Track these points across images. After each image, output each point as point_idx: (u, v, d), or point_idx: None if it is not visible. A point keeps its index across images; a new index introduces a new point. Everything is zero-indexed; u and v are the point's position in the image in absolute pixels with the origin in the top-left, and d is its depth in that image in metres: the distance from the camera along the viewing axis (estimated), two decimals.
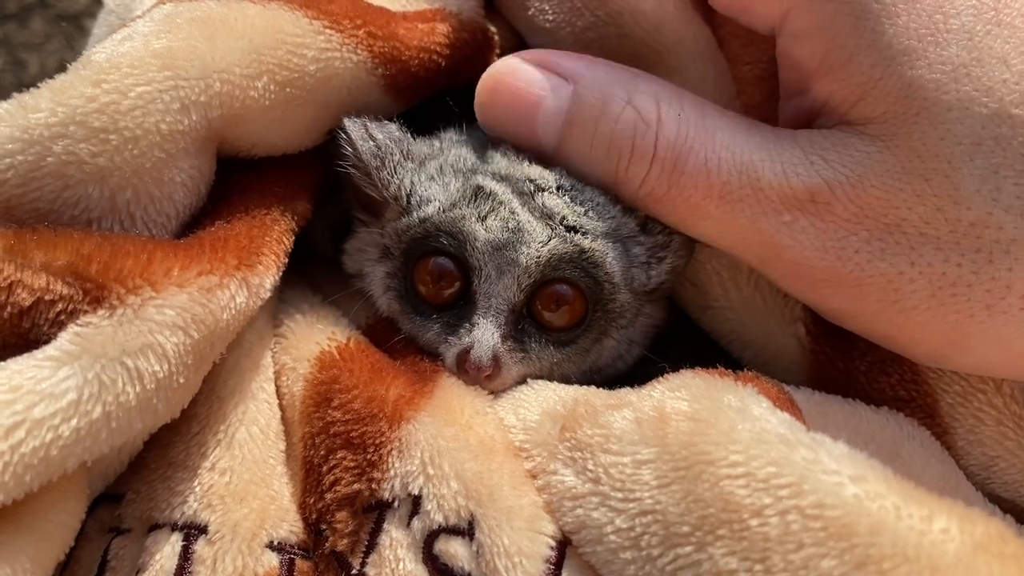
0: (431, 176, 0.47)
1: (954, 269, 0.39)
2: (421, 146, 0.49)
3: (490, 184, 0.45)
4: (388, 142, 0.47)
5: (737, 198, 0.41)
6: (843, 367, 0.45)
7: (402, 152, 0.48)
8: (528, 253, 0.44)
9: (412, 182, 0.47)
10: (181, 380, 0.38)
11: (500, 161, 0.47)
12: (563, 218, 0.45)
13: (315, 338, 0.46)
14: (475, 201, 0.45)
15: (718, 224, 0.42)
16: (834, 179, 0.40)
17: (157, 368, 0.37)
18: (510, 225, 0.44)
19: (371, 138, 0.47)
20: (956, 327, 0.40)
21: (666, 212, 0.44)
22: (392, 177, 0.47)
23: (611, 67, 0.44)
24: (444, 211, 0.45)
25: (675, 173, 0.42)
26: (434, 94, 0.53)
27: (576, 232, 0.45)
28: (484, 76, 0.45)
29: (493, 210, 0.45)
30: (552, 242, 0.44)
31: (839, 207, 0.40)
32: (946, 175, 0.38)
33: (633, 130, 0.42)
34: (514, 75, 0.45)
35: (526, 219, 0.45)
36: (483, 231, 0.44)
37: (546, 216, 0.45)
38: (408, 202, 0.47)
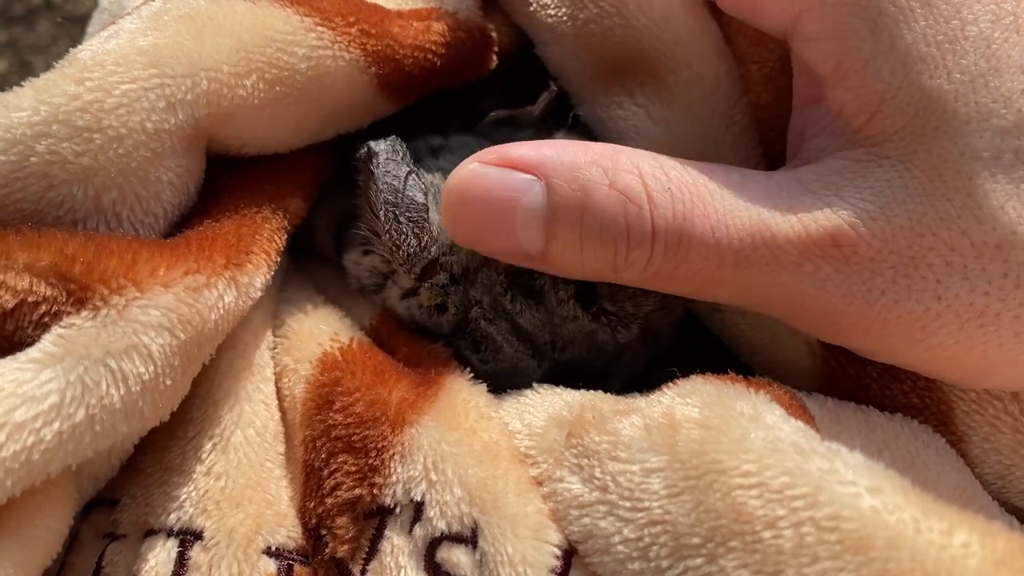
0: None
1: (981, 299, 0.37)
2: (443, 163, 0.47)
3: None
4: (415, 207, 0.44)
5: (753, 260, 0.38)
6: (854, 373, 0.44)
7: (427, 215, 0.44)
8: None
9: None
10: (168, 382, 0.37)
11: None
12: None
13: (317, 339, 0.45)
14: None
15: (735, 288, 0.39)
16: (855, 217, 0.37)
17: (142, 370, 0.36)
18: None
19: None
20: (984, 357, 0.38)
21: (677, 287, 0.40)
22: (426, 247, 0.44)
23: (581, 147, 0.39)
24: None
25: (680, 250, 0.38)
26: (431, 94, 0.52)
27: None
28: (444, 191, 0.40)
29: None
30: None
31: (863, 246, 0.37)
32: (968, 193, 0.37)
33: (624, 215, 0.38)
34: (477, 182, 0.39)
35: None
36: None
37: None
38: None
